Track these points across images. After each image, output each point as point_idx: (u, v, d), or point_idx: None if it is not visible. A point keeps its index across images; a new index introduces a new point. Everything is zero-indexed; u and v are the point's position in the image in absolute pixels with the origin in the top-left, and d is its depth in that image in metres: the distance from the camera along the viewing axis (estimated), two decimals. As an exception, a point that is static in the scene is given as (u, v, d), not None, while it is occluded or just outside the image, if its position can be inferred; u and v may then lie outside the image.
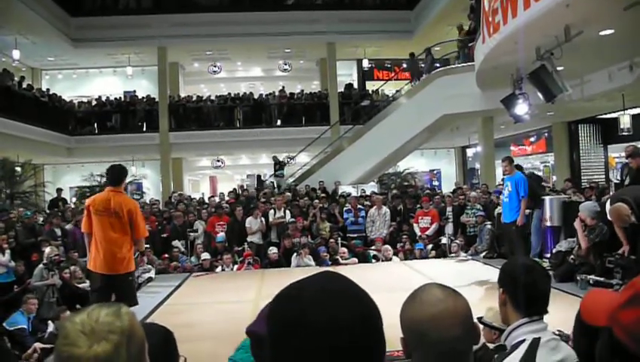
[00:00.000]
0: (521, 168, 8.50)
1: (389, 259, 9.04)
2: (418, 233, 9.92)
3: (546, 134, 16.05)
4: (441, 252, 9.47)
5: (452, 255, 9.14)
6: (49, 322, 5.98)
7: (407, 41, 17.02)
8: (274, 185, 14.17)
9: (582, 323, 1.34)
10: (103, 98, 17.42)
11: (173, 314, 5.76)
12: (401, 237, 9.91)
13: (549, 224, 8.01)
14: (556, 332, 2.42)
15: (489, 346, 3.07)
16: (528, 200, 7.27)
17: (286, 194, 11.78)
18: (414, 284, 1.20)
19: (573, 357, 1.62)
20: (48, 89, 17.01)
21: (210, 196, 15.47)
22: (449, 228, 9.97)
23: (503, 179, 8.80)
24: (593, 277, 6.11)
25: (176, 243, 9.86)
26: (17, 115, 12.96)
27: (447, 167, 21.56)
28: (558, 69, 7.30)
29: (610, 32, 6.65)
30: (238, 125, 17.27)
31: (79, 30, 16.11)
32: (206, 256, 9.10)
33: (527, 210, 7.55)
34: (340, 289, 0.85)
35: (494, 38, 7.64)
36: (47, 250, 7.66)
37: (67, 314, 5.76)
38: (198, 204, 12.69)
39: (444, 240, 9.64)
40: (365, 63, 19.25)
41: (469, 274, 7.44)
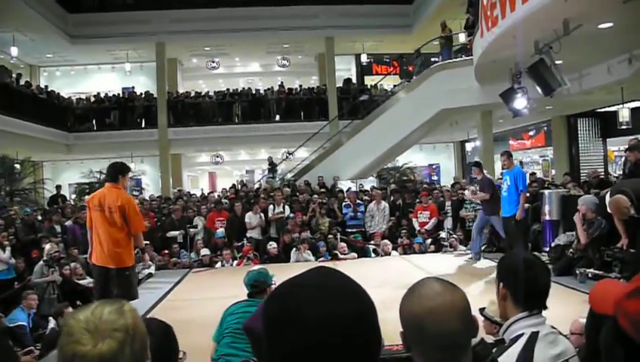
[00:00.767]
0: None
1: (388, 254, 9.06)
2: (417, 228, 9.94)
3: (545, 128, 16.04)
4: (440, 246, 9.49)
5: (450, 249, 9.15)
6: (50, 319, 5.99)
7: (406, 36, 17.00)
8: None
9: (591, 311, 1.36)
10: (102, 94, 17.38)
11: (174, 310, 5.76)
12: (400, 232, 9.94)
13: (547, 218, 8.04)
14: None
15: (487, 341, 3.08)
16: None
17: (285, 189, 11.78)
18: (413, 279, 1.21)
19: (571, 350, 1.64)
20: (47, 86, 16.95)
21: (210, 192, 15.49)
22: (448, 222, 10.00)
23: (501, 173, 8.81)
24: (592, 271, 6.12)
25: (173, 233, 9.74)
26: (16, 112, 12.92)
27: (446, 162, 21.57)
28: (557, 62, 7.30)
29: (609, 25, 6.64)
30: (237, 121, 17.23)
31: (77, 27, 16.08)
32: (206, 251, 9.11)
33: (526, 205, 7.58)
34: (336, 285, 0.85)
35: (493, 32, 7.62)
36: (47, 246, 7.67)
37: (69, 310, 5.77)
38: (199, 200, 12.66)
39: (443, 234, 9.66)
40: (364, 58, 19.17)
41: (468, 269, 7.45)
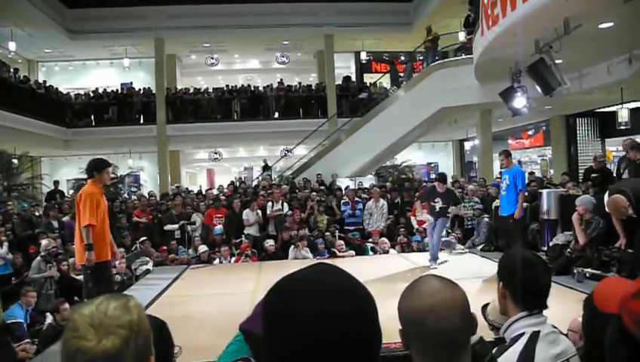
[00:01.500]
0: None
1: (387, 252, 9.06)
2: (415, 226, 9.94)
3: (543, 128, 16.05)
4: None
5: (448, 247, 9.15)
6: (47, 314, 5.98)
7: (406, 34, 16.98)
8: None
9: (594, 309, 1.35)
10: (100, 90, 17.34)
11: (171, 306, 5.76)
12: (399, 230, 9.93)
13: (546, 217, 8.05)
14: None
15: (487, 340, 3.07)
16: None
17: (283, 186, 11.77)
18: (411, 277, 1.20)
19: (572, 349, 1.63)
20: (45, 81, 16.89)
21: (208, 188, 15.47)
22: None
23: (500, 172, 8.82)
24: (590, 270, 6.14)
25: (170, 226, 9.89)
26: (14, 108, 12.90)
27: (445, 160, 21.56)
28: (557, 62, 7.29)
29: (610, 24, 6.64)
30: (236, 118, 17.21)
31: (76, 22, 16.03)
32: (204, 248, 9.10)
33: (524, 204, 7.57)
34: (333, 281, 0.83)
35: (493, 31, 7.62)
36: (44, 242, 7.66)
37: (66, 306, 5.76)
38: (198, 197, 12.65)
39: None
40: (363, 56, 19.16)
41: (467, 267, 7.46)
